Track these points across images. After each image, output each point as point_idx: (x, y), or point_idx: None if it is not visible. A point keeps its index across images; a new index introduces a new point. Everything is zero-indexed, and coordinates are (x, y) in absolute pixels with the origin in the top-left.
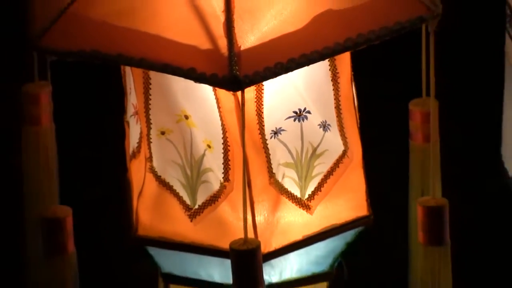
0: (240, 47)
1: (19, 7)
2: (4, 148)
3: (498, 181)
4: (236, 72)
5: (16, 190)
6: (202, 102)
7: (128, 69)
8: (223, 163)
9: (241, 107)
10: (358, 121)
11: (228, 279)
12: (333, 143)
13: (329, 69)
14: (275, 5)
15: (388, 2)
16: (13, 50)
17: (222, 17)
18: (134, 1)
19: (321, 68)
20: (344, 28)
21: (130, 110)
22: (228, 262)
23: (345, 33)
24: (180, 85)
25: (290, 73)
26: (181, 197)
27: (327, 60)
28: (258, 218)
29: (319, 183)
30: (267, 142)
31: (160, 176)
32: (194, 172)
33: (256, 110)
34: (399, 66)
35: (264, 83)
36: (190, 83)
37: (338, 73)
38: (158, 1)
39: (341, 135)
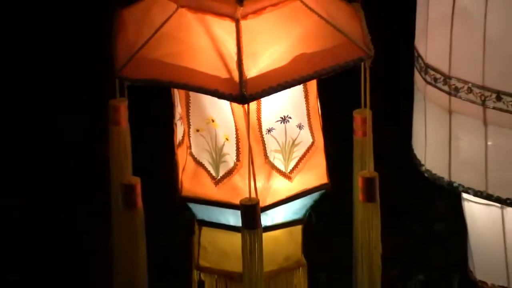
0: (246, 76)
1: (107, 51)
2: (99, 139)
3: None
4: (244, 92)
5: (105, 166)
6: (222, 111)
7: (176, 90)
8: (235, 150)
9: (247, 114)
10: (321, 123)
11: (239, 223)
12: (305, 137)
13: (303, 89)
14: (268, 50)
15: (340, 48)
16: (104, 78)
17: (235, 58)
18: (179, 47)
19: (297, 89)
20: (312, 65)
21: (177, 116)
22: (238, 213)
23: (313, 67)
24: (209, 100)
25: (278, 93)
26: (209, 171)
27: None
28: (258, 184)
29: (296, 162)
30: (264, 136)
31: (196, 158)
32: (217, 155)
33: (256, 116)
34: (347, 88)
35: (261, 99)
36: (215, 99)
37: (308, 92)
38: (194, 47)
39: (310, 132)
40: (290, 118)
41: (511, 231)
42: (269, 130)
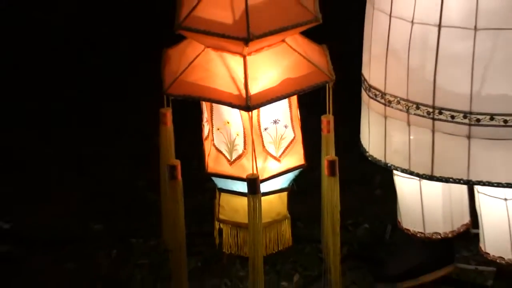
0: (250, 94)
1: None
2: (155, 134)
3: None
4: (249, 104)
5: (158, 152)
6: (234, 116)
7: (203, 102)
8: (243, 142)
9: (251, 118)
10: (300, 124)
11: (245, 190)
12: (289, 133)
13: (287, 102)
14: (265, 76)
15: (313, 75)
16: (158, 95)
17: (243, 81)
18: (205, 74)
19: (284, 101)
20: (294, 86)
21: (204, 119)
22: (245, 183)
23: (295, 87)
24: (225, 109)
25: (271, 104)
26: (226, 156)
27: None
28: (258, 165)
29: (283, 150)
30: (262, 133)
31: (217, 147)
32: (231, 145)
33: (257, 119)
34: (317, 101)
35: (260, 108)
36: (229, 108)
37: (291, 103)
38: (215, 74)
39: (292, 130)
40: (279, 120)
41: (426, 194)
42: (265, 129)
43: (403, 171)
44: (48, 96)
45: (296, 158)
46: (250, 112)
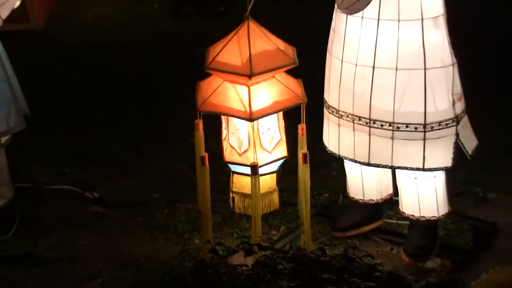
0: (252, 110)
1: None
2: (192, 135)
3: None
4: (252, 117)
5: (194, 148)
6: (242, 124)
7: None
8: (247, 141)
9: (253, 126)
10: (284, 129)
11: (249, 172)
12: (277, 136)
13: (276, 115)
14: (262, 99)
15: (293, 98)
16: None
17: (248, 102)
18: (223, 98)
19: (274, 114)
20: (281, 105)
21: (223, 126)
22: (249, 168)
23: (281, 106)
24: (236, 120)
25: (266, 117)
26: (237, 150)
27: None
28: (257, 156)
29: (273, 146)
30: (260, 135)
31: (231, 144)
32: (240, 143)
33: (257, 127)
34: (296, 115)
35: (259, 119)
36: (239, 119)
37: (278, 116)
38: (230, 97)
39: (279, 134)
40: (270, 128)
41: (364, 174)
42: (262, 133)
43: (350, 160)
44: (125, 106)
45: (282, 151)
46: (252, 122)
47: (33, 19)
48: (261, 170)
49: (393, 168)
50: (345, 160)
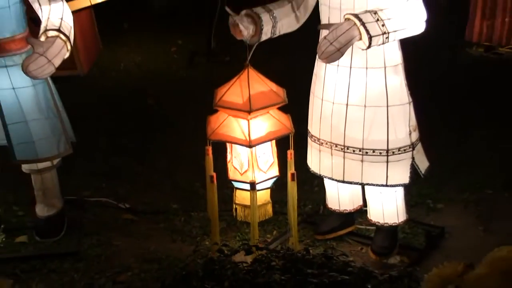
0: (251, 139)
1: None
2: (203, 159)
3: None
4: (251, 144)
5: (204, 169)
6: (243, 150)
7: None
8: (247, 163)
9: (251, 151)
10: (277, 155)
11: (248, 188)
12: (270, 159)
13: (270, 142)
14: (259, 129)
15: (282, 129)
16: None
17: (247, 132)
18: (228, 129)
19: (268, 142)
20: (273, 135)
21: (228, 151)
22: (248, 185)
23: (274, 136)
24: (238, 146)
25: (262, 144)
26: (239, 170)
27: None
28: (255, 175)
29: (268, 167)
30: (257, 159)
31: (234, 166)
32: (241, 165)
33: (255, 152)
34: (286, 142)
35: (256, 146)
36: (241, 146)
37: (272, 143)
38: (234, 128)
39: (272, 157)
40: (265, 152)
41: (340, 189)
42: (259, 157)
43: (329, 178)
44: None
45: (275, 171)
46: (251, 148)
47: (79, 67)
48: (258, 186)
49: (362, 185)
50: (324, 178)
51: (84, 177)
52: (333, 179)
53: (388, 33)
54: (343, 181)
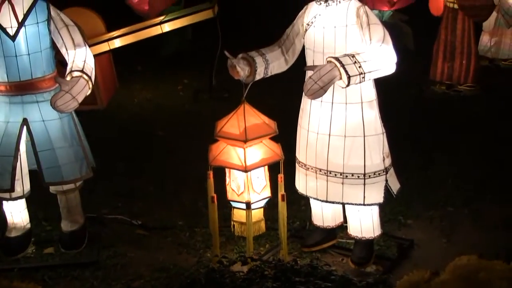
0: (247, 164)
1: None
2: (205, 182)
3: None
4: (246, 169)
5: (206, 190)
6: (240, 174)
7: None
8: (243, 186)
9: (247, 175)
10: (269, 179)
11: (244, 207)
12: (263, 182)
13: (263, 167)
14: (254, 156)
15: (274, 156)
16: (207, 164)
17: (243, 159)
18: (227, 156)
19: (262, 167)
20: (266, 161)
21: (227, 175)
22: (244, 204)
23: (266, 162)
24: (236, 171)
25: (256, 169)
26: (236, 192)
27: None
28: (250, 196)
29: (261, 189)
30: (252, 182)
31: (232, 188)
32: (238, 188)
33: (250, 176)
34: (276, 167)
35: (252, 170)
36: (238, 171)
37: (265, 168)
38: (231, 155)
39: (265, 181)
40: (259, 176)
41: (313, 208)
42: (253, 180)
43: (314, 198)
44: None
45: (267, 193)
46: (247, 173)
47: (99, 102)
48: (253, 206)
49: (343, 204)
50: (310, 199)
51: (103, 197)
52: (317, 199)
53: (364, 73)
54: (326, 201)
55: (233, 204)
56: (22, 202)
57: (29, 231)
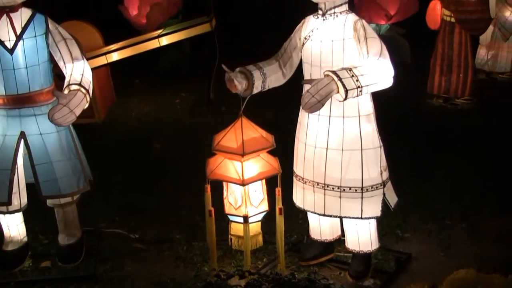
0: (244, 178)
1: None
2: (202, 195)
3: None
4: (244, 183)
5: (204, 204)
6: (237, 188)
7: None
8: (241, 199)
9: (244, 189)
10: (267, 192)
11: (242, 221)
12: (261, 196)
13: (261, 181)
14: (251, 170)
15: (270, 170)
16: (205, 178)
17: (241, 172)
18: (225, 169)
19: (259, 181)
20: (263, 175)
21: (225, 188)
22: (242, 218)
23: (264, 176)
24: (233, 184)
25: (254, 183)
26: (233, 205)
27: None
28: (248, 210)
29: (259, 203)
30: (250, 195)
31: (229, 201)
32: (235, 201)
33: (247, 190)
34: (274, 181)
35: (249, 184)
36: (235, 184)
37: (262, 182)
38: (229, 169)
39: (263, 195)
40: (256, 190)
41: (322, 223)
42: (251, 194)
43: (311, 212)
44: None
45: (264, 206)
46: (244, 187)
47: (96, 115)
48: (250, 220)
49: (341, 217)
50: (308, 212)
51: (101, 210)
52: (315, 213)
53: (362, 87)
54: (324, 215)
55: (231, 218)
56: (19, 216)
57: (26, 245)
